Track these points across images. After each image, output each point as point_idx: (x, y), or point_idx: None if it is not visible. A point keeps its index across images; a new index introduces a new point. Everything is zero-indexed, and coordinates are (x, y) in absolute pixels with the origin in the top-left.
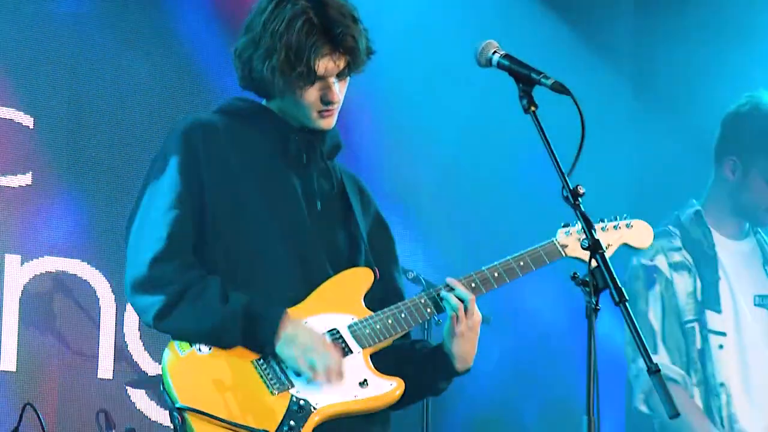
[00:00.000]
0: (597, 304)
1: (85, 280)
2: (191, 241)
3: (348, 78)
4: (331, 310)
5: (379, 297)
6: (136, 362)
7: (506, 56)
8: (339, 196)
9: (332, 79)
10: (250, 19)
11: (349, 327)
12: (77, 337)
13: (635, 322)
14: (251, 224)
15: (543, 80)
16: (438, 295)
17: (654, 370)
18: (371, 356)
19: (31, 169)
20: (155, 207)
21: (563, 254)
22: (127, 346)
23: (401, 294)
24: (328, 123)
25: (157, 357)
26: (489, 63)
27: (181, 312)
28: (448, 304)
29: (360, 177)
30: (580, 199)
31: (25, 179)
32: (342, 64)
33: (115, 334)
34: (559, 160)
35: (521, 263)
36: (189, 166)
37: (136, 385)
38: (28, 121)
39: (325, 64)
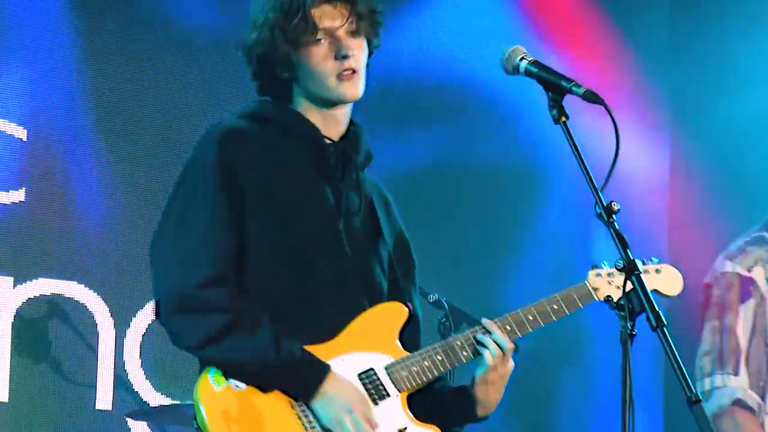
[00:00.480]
0: (633, 329)
1: (83, 303)
2: (235, 262)
3: (363, 39)
4: (366, 348)
5: (409, 325)
6: (136, 392)
7: (535, 62)
8: (368, 213)
9: (340, 33)
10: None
11: (386, 368)
12: (74, 365)
13: (674, 350)
14: (291, 243)
15: (574, 89)
16: (474, 338)
17: (694, 401)
18: None
19: (25, 184)
20: (195, 224)
21: (595, 298)
22: (127, 374)
23: (419, 323)
24: (353, 90)
25: (159, 386)
26: (516, 70)
27: (232, 343)
28: (486, 349)
29: (383, 185)
30: (614, 216)
31: (17, 195)
32: (345, 12)
33: (115, 361)
34: (592, 174)
35: (555, 306)
36: (227, 179)
37: (136, 417)
38: (21, 133)
39: (322, 12)
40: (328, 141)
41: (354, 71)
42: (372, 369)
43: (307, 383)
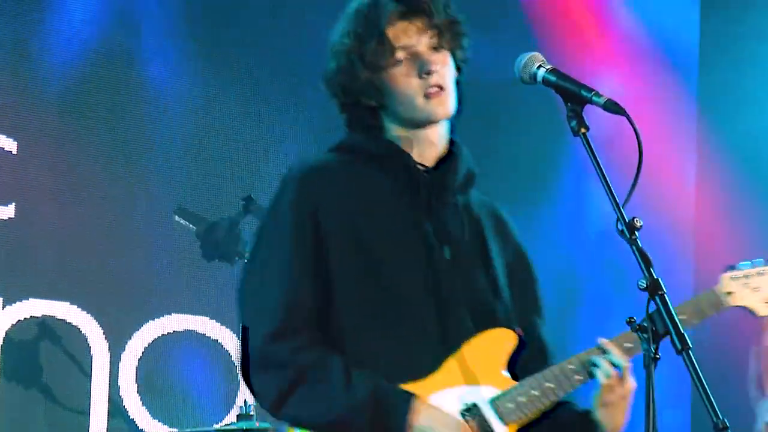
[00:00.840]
0: (656, 353)
1: (75, 325)
2: (310, 312)
3: (447, 54)
4: (469, 381)
5: (521, 353)
6: (132, 419)
7: (553, 71)
8: (476, 236)
9: (421, 49)
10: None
11: (491, 402)
12: (66, 390)
13: (700, 374)
14: (383, 281)
15: (594, 98)
16: (589, 360)
17: (721, 428)
18: None
19: (14, 199)
20: (272, 271)
21: (727, 304)
22: (122, 400)
23: (545, 347)
24: (443, 108)
25: (156, 413)
26: (533, 79)
27: (302, 399)
28: (600, 370)
29: (495, 202)
30: (637, 233)
31: (6, 211)
32: (422, 26)
33: (109, 386)
34: (613, 189)
35: (682, 317)
36: (308, 224)
37: None
38: (11, 145)
39: (397, 30)
40: (421, 167)
41: (441, 88)
42: (474, 404)
43: (396, 422)
